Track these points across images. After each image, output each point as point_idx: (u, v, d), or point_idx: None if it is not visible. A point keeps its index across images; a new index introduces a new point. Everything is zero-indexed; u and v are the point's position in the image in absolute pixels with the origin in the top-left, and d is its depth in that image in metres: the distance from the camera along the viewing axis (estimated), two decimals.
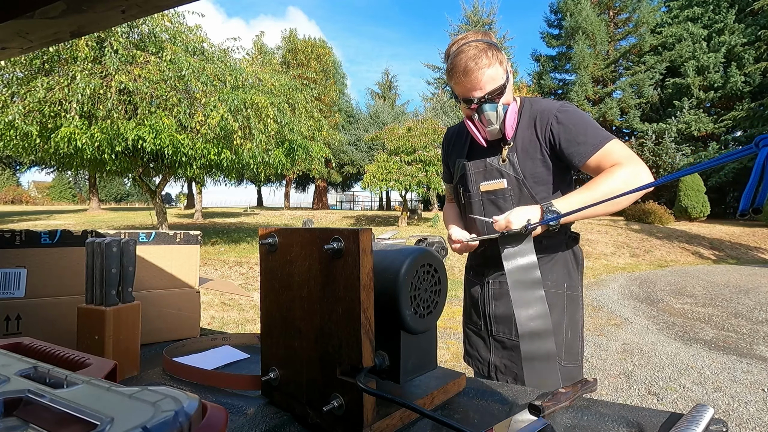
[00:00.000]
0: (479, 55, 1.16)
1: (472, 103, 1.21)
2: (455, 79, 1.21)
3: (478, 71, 1.16)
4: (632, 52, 25.06)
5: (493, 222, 1.15)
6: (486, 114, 1.20)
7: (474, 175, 1.31)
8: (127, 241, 0.82)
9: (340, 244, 0.55)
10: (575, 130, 1.17)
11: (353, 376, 0.55)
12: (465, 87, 1.20)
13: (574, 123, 1.18)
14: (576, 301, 1.27)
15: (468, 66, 1.16)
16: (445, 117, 23.89)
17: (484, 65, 1.16)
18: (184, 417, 0.28)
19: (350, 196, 40.41)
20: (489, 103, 1.20)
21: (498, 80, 1.18)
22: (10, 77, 7.47)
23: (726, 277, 8.70)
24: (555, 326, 1.21)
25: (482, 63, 1.16)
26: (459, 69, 1.18)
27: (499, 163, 1.26)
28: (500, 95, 1.20)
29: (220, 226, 15.24)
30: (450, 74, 1.22)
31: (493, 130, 1.22)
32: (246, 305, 5.63)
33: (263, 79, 9.87)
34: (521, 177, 1.22)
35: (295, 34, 28.66)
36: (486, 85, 1.18)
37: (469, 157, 1.35)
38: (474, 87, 1.19)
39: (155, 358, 0.93)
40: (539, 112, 1.23)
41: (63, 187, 52.40)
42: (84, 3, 0.50)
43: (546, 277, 1.24)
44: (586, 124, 1.18)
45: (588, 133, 1.16)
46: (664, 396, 3.21)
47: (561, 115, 1.20)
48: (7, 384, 0.34)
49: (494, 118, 1.20)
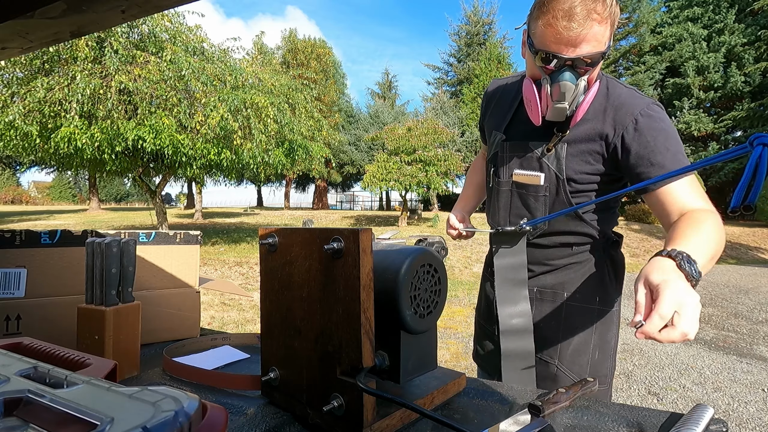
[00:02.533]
0: (597, 1, 0.83)
1: (551, 62, 0.89)
2: (549, 17, 0.85)
3: (586, 20, 0.83)
4: (632, 52, 25.05)
5: (641, 324, 0.63)
6: (562, 85, 0.89)
7: (509, 158, 1.07)
8: (127, 241, 0.82)
9: (340, 244, 0.55)
10: (654, 145, 0.90)
11: (353, 376, 0.55)
12: (557, 35, 0.86)
13: (655, 136, 0.91)
14: (609, 318, 1.07)
15: (575, 10, 0.83)
16: (445, 117, 23.90)
17: (597, 16, 0.83)
18: (184, 417, 0.28)
19: (350, 196, 40.41)
20: (572, 71, 0.89)
21: (601, 44, 0.87)
22: (10, 77, 7.48)
23: (726, 277, 8.70)
24: (580, 345, 1.05)
25: (596, 11, 0.83)
26: (562, 6, 0.84)
27: (544, 151, 1.01)
28: (592, 66, 0.89)
29: (220, 226, 15.24)
30: (543, 9, 0.86)
31: (561, 108, 0.92)
32: (246, 305, 5.63)
33: (263, 79, 9.88)
34: (563, 177, 0.99)
35: (295, 34, 28.69)
36: (585, 45, 0.86)
37: (507, 131, 1.09)
38: (570, 40, 0.85)
39: (155, 358, 0.93)
40: (618, 106, 0.95)
41: (63, 187, 52.40)
42: (84, 3, 0.50)
43: (574, 289, 1.07)
44: (667, 139, 0.90)
45: (668, 155, 0.89)
46: (664, 396, 3.21)
47: (643, 120, 0.92)
48: (7, 384, 0.34)
49: (570, 95, 0.90)
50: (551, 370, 1.07)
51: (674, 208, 0.87)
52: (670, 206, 0.87)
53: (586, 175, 0.99)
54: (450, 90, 32.05)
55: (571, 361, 1.05)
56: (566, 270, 1.09)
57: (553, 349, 1.07)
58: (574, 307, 1.06)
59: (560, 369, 1.06)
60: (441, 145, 16.32)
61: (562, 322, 1.07)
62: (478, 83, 25.34)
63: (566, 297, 1.07)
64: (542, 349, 1.08)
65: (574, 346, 1.06)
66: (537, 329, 1.09)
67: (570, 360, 1.05)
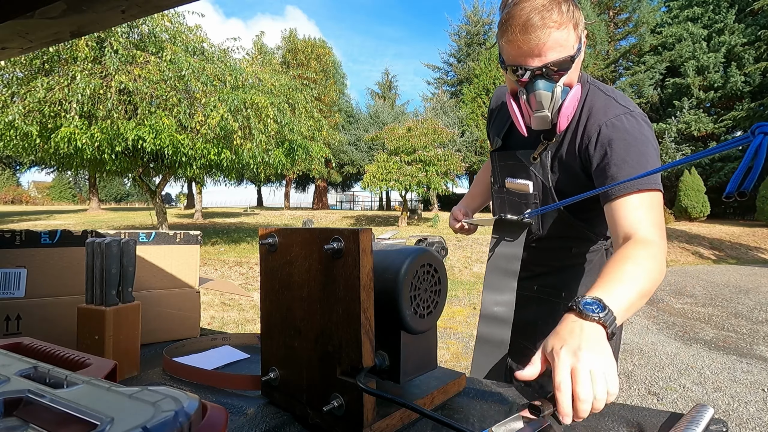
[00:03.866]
0: (550, 8, 0.84)
1: (523, 75, 0.90)
2: (509, 34, 0.88)
3: (542, 29, 0.84)
4: (632, 52, 25.05)
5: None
6: (537, 94, 0.89)
7: (500, 168, 1.10)
8: (127, 241, 0.82)
9: (340, 244, 0.55)
10: (611, 157, 0.89)
11: (353, 376, 0.55)
12: (519, 48, 0.87)
13: (614, 147, 0.89)
14: None
15: (531, 20, 0.84)
16: (445, 117, 23.90)
17: (553, 24, 0.84)
18: (184, 417, 0.28)
19: (350, 196, 40.42)
20: (545, 80, 0.89)
21: (566, 48, 0.87)
22: (10, 77, 7.49)
23: (726, 277, 8.70)
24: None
25: (551, 20, 0.84)
26: (517, 21, 0.85)
27: (530, 160, 1.01)
28: (563, 71, 0.88)
29: (220, 226, 15.24)
30: (503, 28, 0.89)
31: (542, 117, 0.91)
32: (246, 305, 5.63)
33: (263, 79, 9.88)
34: (549, 185, 0.99)
35: (295, 34, 28.70)
36: (549, 52, 0.86)
37: (505, 138, 1.12)
38: (531, 51, 0.86)
39: (155, 358, 0.93)
40: (590, 116, 0.95)
41: (63, 187, 52.41)
42: (84, 3, 0.50)
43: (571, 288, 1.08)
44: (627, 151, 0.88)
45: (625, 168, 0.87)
46: (664, 396, 3.21)
47: (606, 131, 0.90)
48: (7, 384, 0.34)
49: (547, 102, 0.90)
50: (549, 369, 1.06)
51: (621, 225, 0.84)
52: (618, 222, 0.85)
53: (569, 184, 0.99)
54: (450, 90, 32.06)
55: None
56: (566, 270, 1.11)
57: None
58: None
59: None
60: (441, 145, 16.33)
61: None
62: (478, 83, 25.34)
63: (566, 296, 1.10)
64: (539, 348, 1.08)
65: None
66: (538, 329, 1.11)
67: None
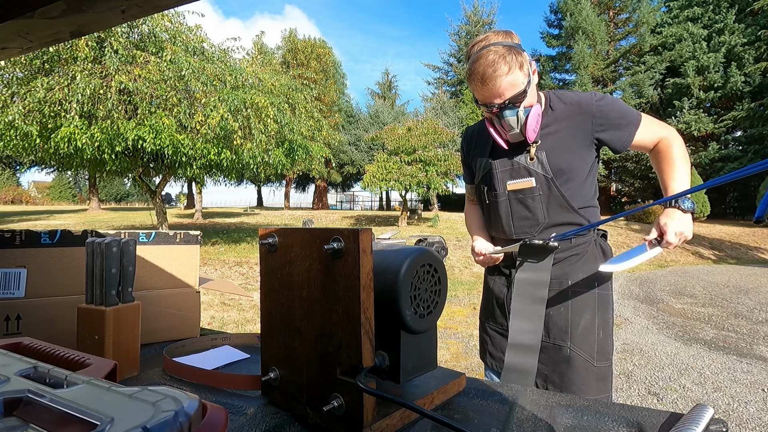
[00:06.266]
0: (498, 62, 1.14)
1: (491, 109, 1.21)
2: (473, 84, 1.20)
3: (496, 79, 1.14)
4: (632, 52, 25.06)
5: (652, 241, 1.14)
6: (507, 120, 1.19)
7: (500, 174, 1.30)
8: (127, 241, 0.82)
9: (340, 244, 0.55)
10: (616, 115, 1.22)
11: (353, 376, 0.55)
12: (482, 94, 1.19)
13: (614, 108, 1.23)
14: (606, 300, 1.27)
15: (486, 74, 1.15)
16: (445, 117, 23.90)
17: (503, 72, 1.14)
18: (184, 417, 0.28)
19: (350, 196, 40.40)
20: (509, 109, 1.18)
21: (518, 86, 1.16)
22: (10, 77, 7.48)
23: (726, 277, 8.70)
24: (588, 326, 1.23)
25: (501, 70, 1.14)
26: (477, 76, 1.17)
27: (527, 161, 1.25)
28: (521, 100, 1.18)
29: (220, 226, 15.24)
30: (469, 79, 1.21)
31: (515, 134, 1.21)
32: (246, 305, 5.63)
33: (263, 79, 9.88)
34: (550, 175, 1.22)
35: (294, 34, 28.69)
36: (505, 92, 1.16)
37: (492, 155, 1.33)
38: (492, 95, 1.17)
39: (155, 358, 0.93)
40: (577, 104, 1.24)
41: (63, 187, 52.41)
42: (84, 3, 0.50)
43: (576, 276, 1.25)
44: (620, 107, 1.24)
45: (626, 116, 1.23)
46: (664, 396, 3.21)
47: (601, 103, 1.23)
48: (7, 384, 0.34)
49: (515, 123, 1.19)
50: (564, 353, 1.23)
51: (648, 143, 1.25)
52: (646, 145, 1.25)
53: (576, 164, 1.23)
54: (450, 90, 32.06)
55: (581, 341, 1.22)
56: (568, 261, 1.27)
57: (564, 333, 1.24)
58: (578, 293, 1.25)
59: (573, 350, 1.22)
60: (441, 145, 16.33)
61: (570, 308, 1.24)
62: None
63: (570, 284, 1.26)
64: (555, 335, 1.25)
65: (582, 327, 1.23)
66: (548, 318, 1.25)
67: (580, 340, 1.22)
